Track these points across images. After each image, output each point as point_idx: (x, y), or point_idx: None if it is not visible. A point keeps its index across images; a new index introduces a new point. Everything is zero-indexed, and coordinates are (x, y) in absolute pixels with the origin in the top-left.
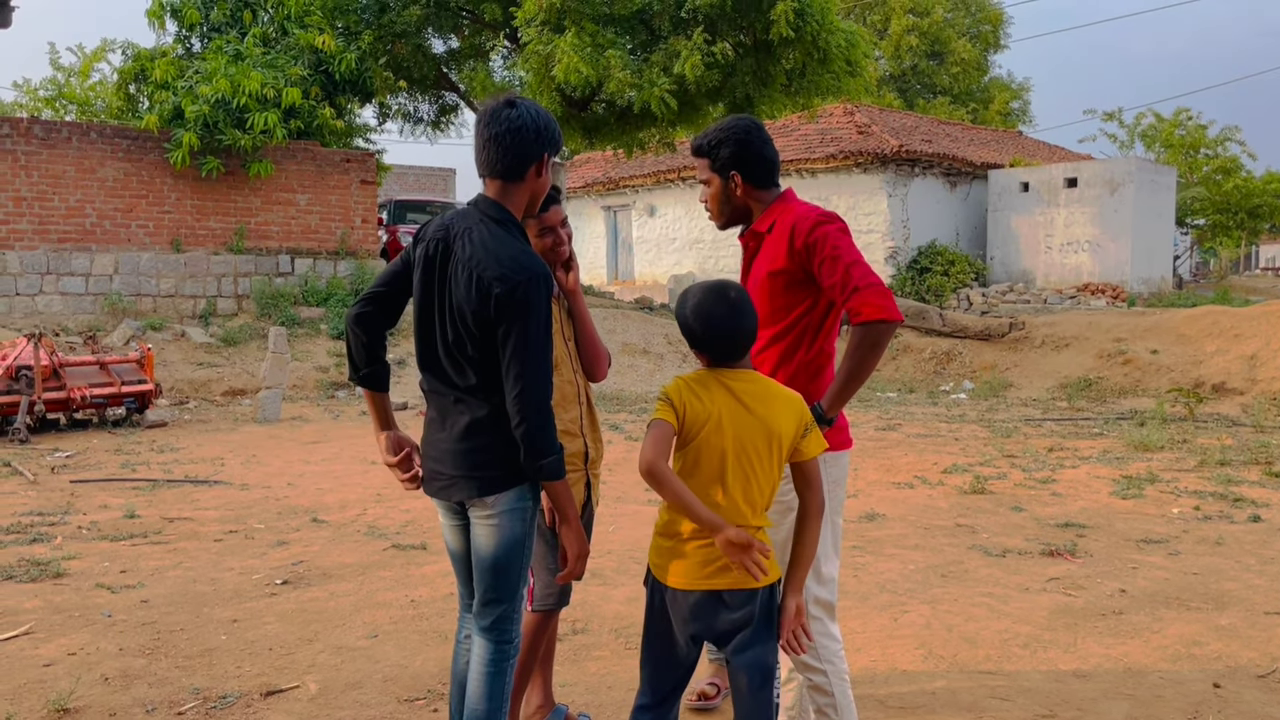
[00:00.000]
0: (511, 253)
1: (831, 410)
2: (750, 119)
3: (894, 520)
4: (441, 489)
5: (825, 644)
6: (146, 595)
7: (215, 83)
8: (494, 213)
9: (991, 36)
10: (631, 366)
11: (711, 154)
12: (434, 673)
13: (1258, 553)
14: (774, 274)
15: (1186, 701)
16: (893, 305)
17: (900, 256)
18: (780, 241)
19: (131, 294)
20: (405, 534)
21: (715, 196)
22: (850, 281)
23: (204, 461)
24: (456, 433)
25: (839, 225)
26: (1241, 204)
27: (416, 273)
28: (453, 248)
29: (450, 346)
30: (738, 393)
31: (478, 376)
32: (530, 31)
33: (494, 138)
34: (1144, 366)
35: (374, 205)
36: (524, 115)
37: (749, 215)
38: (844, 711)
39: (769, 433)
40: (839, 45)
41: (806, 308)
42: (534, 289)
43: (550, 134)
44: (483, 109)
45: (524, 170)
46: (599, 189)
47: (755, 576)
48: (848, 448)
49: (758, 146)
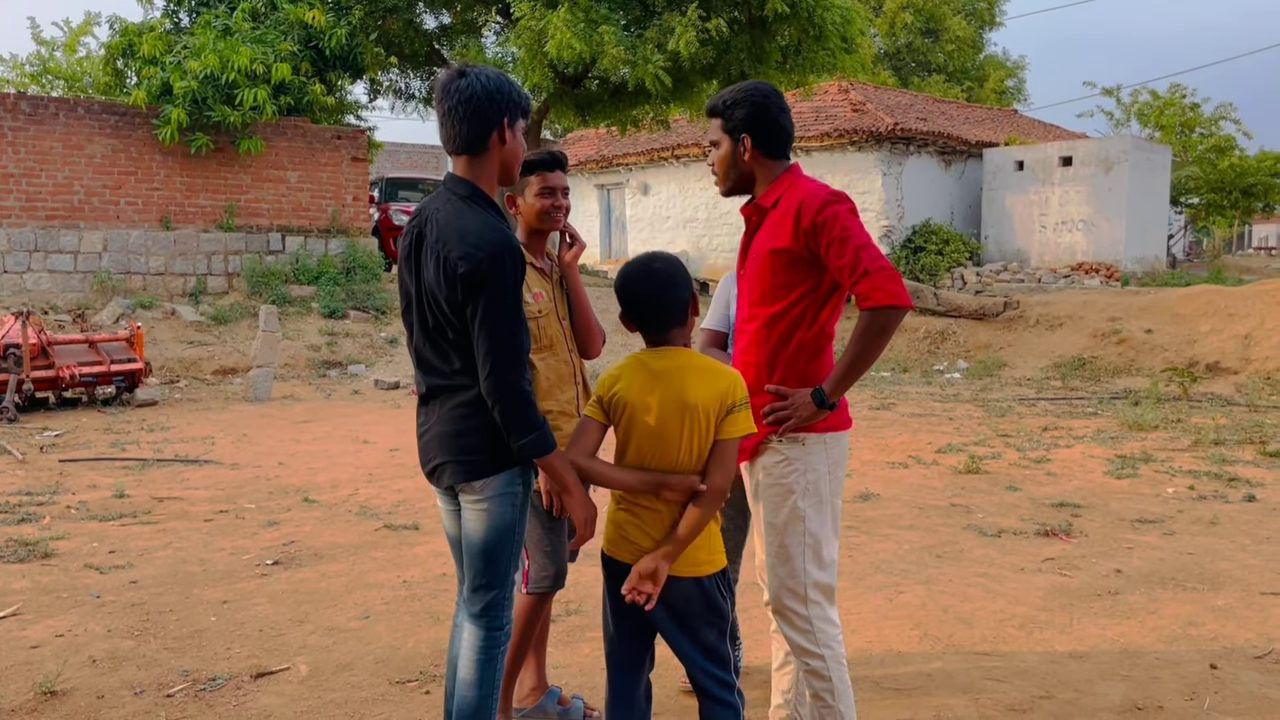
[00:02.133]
0: (475, 228)
1: (834, 395)
2: (770, 86)
3: (889, 500)
4: (432, 474)
5: (823, 628)
6: (135, 576)
7: (204, 58)
8: (461, 190)
9: (987, 14)
10: (625, 345)
11: (726, 114)
12: (426, 654)
13: (1253, 532)
14: (776, 252)
15: (1183, 683)
16: (903, 290)
17: (895, 235)
18: (785, 219)
19: (121, 272)
20: (397, 514)
21: (723, 159)
22: (860, 265)
23: (194, 441)
24: (444, 416)
25: (848, 205)
26: (1236, 183)
27: (400, 263)
28: (424, 233)
29: (432, 332)
30: (654, 370)
31: (461, 360)
32: (523, 7)
33: (448, 111)
34: (1138, 346)
35: (365, 183)
36: (474, 83)
37: (752, 185)
38: (841, 696)
39: (681, 405)
40: (834, 22)
41: (808, 288)
42: (497, 264)
43: (506, 97)
44: (436, 83)
45: (486, 140)
46: (592, 167)
47: (692, 488)
48: (847, 428)
49: (774, 113)
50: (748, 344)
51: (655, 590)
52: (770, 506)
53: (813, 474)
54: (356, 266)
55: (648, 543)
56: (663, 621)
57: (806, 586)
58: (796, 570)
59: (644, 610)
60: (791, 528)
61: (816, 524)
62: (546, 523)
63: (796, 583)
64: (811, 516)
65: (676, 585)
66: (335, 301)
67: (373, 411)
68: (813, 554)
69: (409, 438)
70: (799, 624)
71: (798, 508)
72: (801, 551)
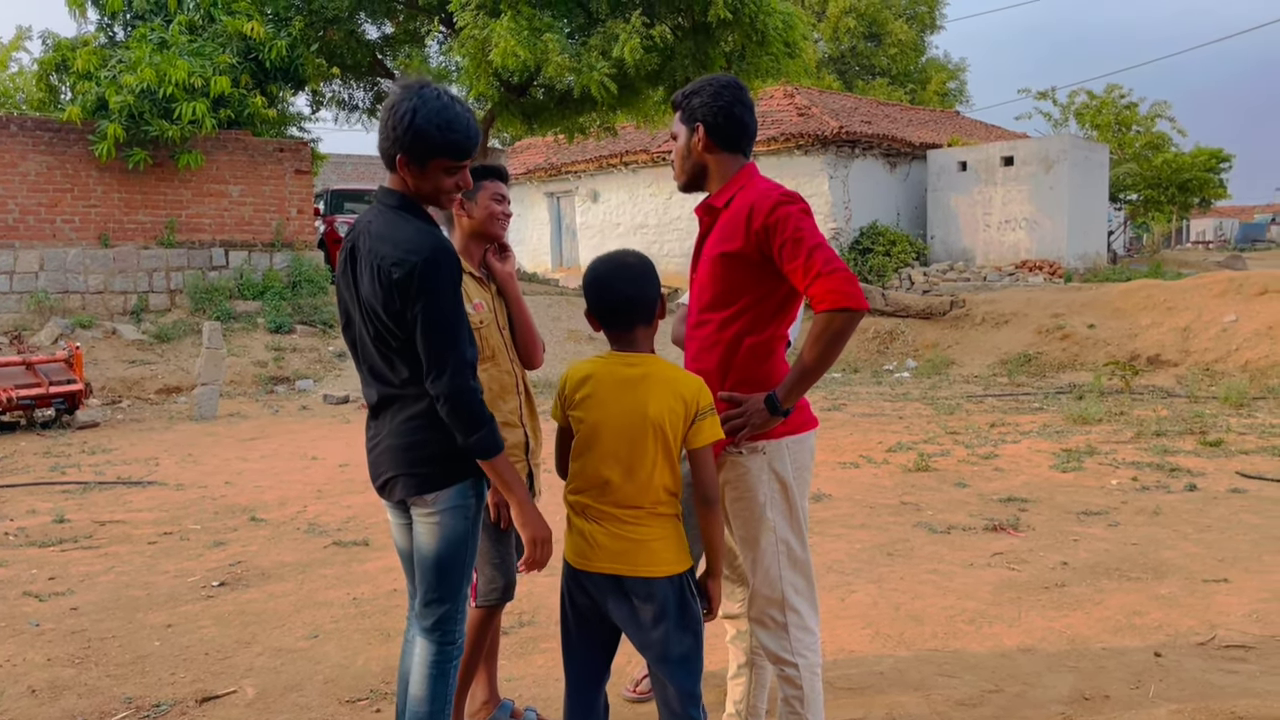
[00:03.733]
0: (406, 234)
1: (788, 400)
2: (736, 80)
3: (840, 500)
4: (383, 488)
5: (800, 636)
6: (76, 602)
7: (140, 72)
8: (391, 200)
9: (927, 17)
10: (577, 353)
11: (684, 104)
12: (376, 672)
13: (1194, 521)
14: (728, 255)
15: (1129, 672)
16: (858, 292)
17: (842, 238)
18: (737, 220)
19: (59, 291)
20: (347, 530)
21: (679, 150)
22: (814, 267)
23: (137, 462)
24: (395, 429)
25: (801, 206)
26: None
27: (338, 278)
28: (358, 245)
29: (376, 343)
30: (618, 376)
31: (409, 369)
32: (465, 15)
33: (393, 130)
34: (1081, 341)
35: (310, 195)
36: (424, 113)
37: (705, 181)
38: (811, 705)
39: (642, 416)
40: (777, 27)
41: (760, 292)
42: (431, 265)
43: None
44: (389, 96)
45: (425, 163)
46: (541, 175)
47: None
48: (811, 428)
49: (729, 103)
50: (699, 350)
51: (715, 605)
52: (739, 520)
53: (777, 482)
54: (302, 280)
55: (619, 546)
56: (636, 625)
57: (784, 593)
58: (772, 578)
59: (605, 622)
60: (763, 538)
61: (786, 530)
62: (494, 534)
63: (773, 590)
64: (781, 524)
65: (643, 586)
66: (281, 316)
67: (321, 427)
68: (787, 559)
69: (358, 453)
70: (775, 630)
71: (766, 518)
72: (775, 559)
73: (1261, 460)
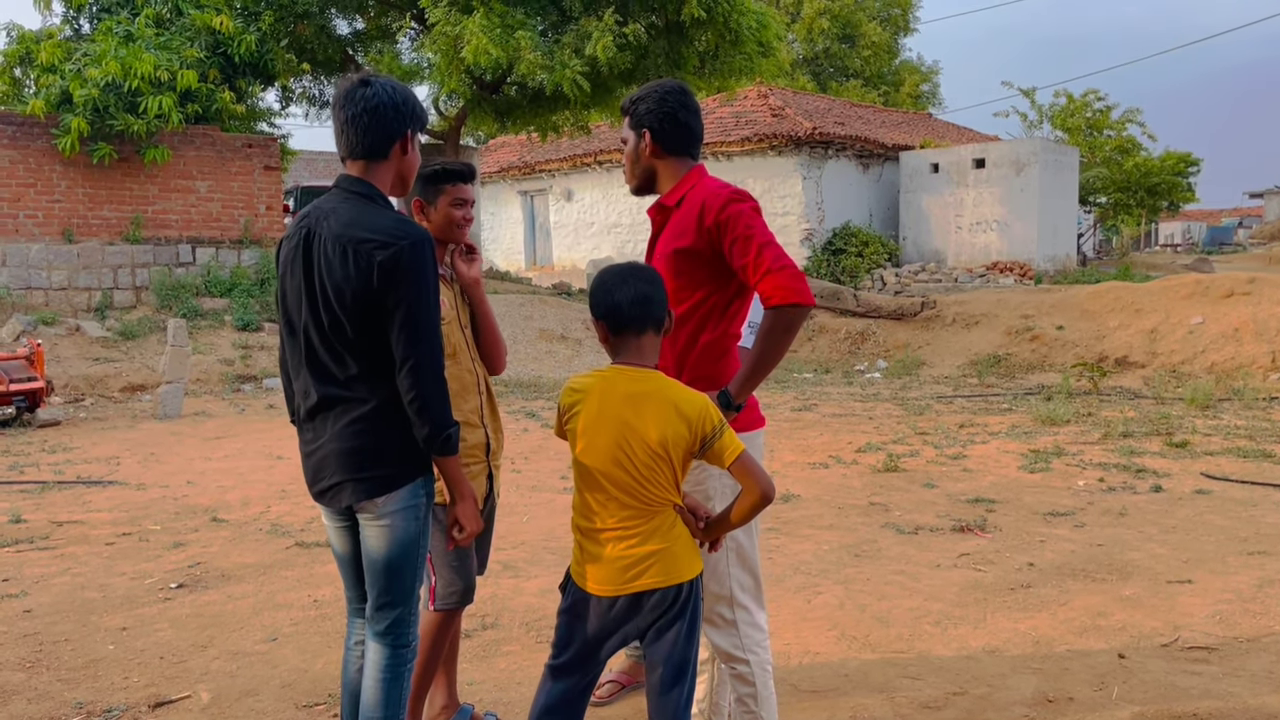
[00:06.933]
0: (387, 221)
1: (740, 396)
2: (678, 83)
3: (809, 500)
4: (325, 494)
5: (749, 633)
6: (30, 604)
7: (105, 65)
8: (358, 188)
9: (901, 20)
10: (550, 352)
11: (632, 110)
12: (335, 675)
13: (1160, 522)
14: (680, 252)
15: (1093, 673)
16: (805, 289)
17: (815, 239)
18: (689, 218)
19: (21, 287)
20: (309, 531)
21: (629, 156)
22: (763, 264)
23: (99, 461)
24: (340, 433)
25: (751, 204)
26: (1141, 182)
27: (281, 271)
28: (316, 231)
29: (327, 334)
30: (620, 392)
31: (359, 364)
32: (438, 12)
33: (351, 119)
34: (1050, 342)
35: (279, 191)
36: (380, 93)
37: (656, 184)
38: (764, 702)
39: (641, 438)
40: (750, 27)
41: (712, 289)
42: (418, 251)
43: (411, 109)
44: (337, 90)
45: (388, 148)
46: (515, 173)
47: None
48: (759, 426)
49: (673, 108)
50: None
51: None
52: None
53: (728, 478)
54: (271, 277)
55: (626, 560)
56: (654, 636)
57: (733, 590)
58: (722, 576)
59: (603, 646)
60: None
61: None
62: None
63: (722, 588)
64: None
65: (671, 592)
66: (249, 314)
67: (287, 426)
68: (736, 558)
69: None
70: (725, 628)
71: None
72: (725, 556)
73: (1226, 461)
